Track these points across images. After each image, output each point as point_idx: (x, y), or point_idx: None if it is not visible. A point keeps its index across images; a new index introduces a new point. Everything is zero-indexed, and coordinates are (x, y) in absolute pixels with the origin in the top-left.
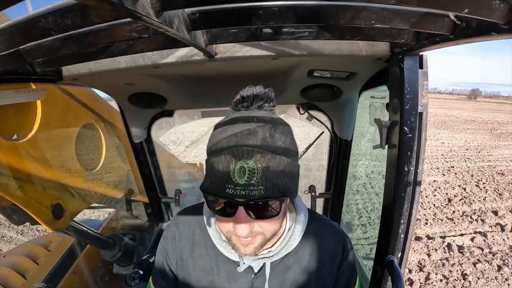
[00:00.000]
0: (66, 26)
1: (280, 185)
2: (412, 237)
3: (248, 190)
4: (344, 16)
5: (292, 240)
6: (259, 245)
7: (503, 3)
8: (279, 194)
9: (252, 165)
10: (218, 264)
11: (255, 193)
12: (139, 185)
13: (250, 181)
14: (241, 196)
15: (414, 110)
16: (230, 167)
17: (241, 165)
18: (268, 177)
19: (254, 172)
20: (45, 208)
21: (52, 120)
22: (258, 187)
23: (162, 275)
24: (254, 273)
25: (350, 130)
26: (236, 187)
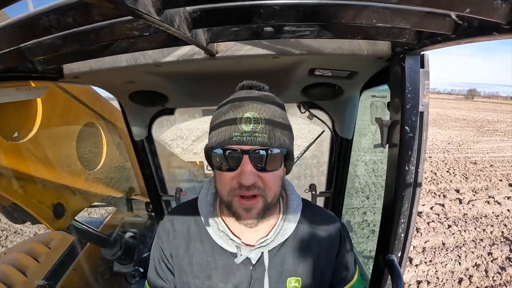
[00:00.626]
0: (67, 24)
1: (281, 136)
2: (412, 236)
3: (253, 136)
4: (345, 15)
5: (286, 226)
6: (261, 210)
7: (505, 3)
8: (280, 145)
9: (256, 115)
10: (215, 258)
11: (260, 139)
12: (140, 183)
13: (256, 128)
14: (248, 142)
15: (415, 110)
16: (237, 116)
17: (247, 115)
18: (271, 127)
19: (258, 121)
20: (46, 207)
21: (53, 119)
22: (263, 135)
23: (158, 273)
24: (252, 265)
25: (351, 129)
26: (243, 134)
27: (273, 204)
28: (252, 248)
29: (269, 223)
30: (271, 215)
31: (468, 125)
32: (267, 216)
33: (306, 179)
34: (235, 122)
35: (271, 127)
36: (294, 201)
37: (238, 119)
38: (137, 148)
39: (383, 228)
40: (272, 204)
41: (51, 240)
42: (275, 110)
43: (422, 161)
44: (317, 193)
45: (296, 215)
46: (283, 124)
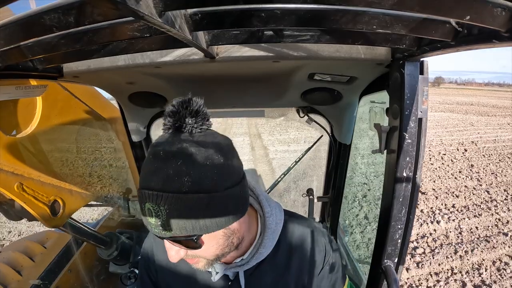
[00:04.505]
0: (68, 23)
1: (189, 225)
2: (409, 242)
3: (159, 229)
4: (346, 20)
5: (262, 248)
6: (207, 264)
7: (505, 11)
8: (189, 233)
9: (155, 207)
10: (195, 274)
11: (165, 233)
12: (137, 184)
13: (158, 222)
14: (156, 233)
15: (413, 116)
16: (142, 207)
17: (148, 206)
18: (174, 218)
19: (159, 213)
20: (42, 204)
21: (52, 117)
22: (166, 227)
23: (142, 284)
24: (230, 281)
25: (350, 134)
26: (151, 226)
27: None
28: (227, 267)
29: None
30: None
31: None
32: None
33: (304, 184)
34: (142, 209)
35: (174, 217)
36: (272, 222)
37: (143, 210)
38: (135, 149)
39: (380, 234)
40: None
41: (47, 239)
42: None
43: (420, 167)
44: (314, 198)
45: (275, 234)
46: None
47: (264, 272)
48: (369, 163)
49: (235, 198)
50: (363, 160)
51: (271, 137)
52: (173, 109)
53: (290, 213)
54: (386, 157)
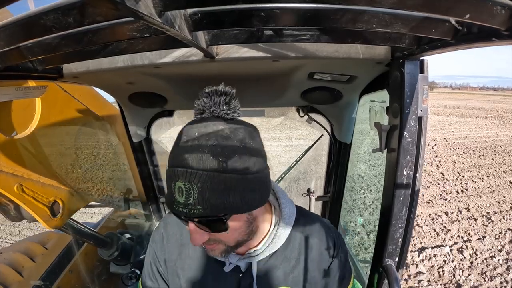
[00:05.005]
0: (68, 24)
1: (220, 204)
2: (410, 241)
3: (187, 209)
4: (345, 19)
5: (277, 239)
6: (225, 251)
7: (504, 9)
8: (219, 213)
9: (187, 185)
10: (205, 264)
11: (194, 212)
12: (138, 185)
13: (188, 200)
14: (184, 214)
15: (414, 115)
16: (171, 186)
17: (179, 185)
18: (205, 197)
19: (190, 192)
20: (42, 205)
21: (51, 118)
22: (196, 207)
23: (150, 277)
24: (242, 272)
25: (350, 133)
26: (179, 205)
27: (242, 243)
28: (241, 257)
29: (258, 234)
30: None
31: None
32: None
33: (304, 183)
34: (171, 189)
35: (206, 196)
36: (287, 213)
37: (173, 188)
38: (136, 149)
39: (381, 233)
40: (238, 244)
41: (48, 240)
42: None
43: (421, 166)
44: (314, 197)
45: (288, 226)
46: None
47: (275, 264)
48: (370, 162)
49: (262, 182)
50: (364, 159)
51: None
52: (208, 96)
53: (301, 209)
54: (386, 156)
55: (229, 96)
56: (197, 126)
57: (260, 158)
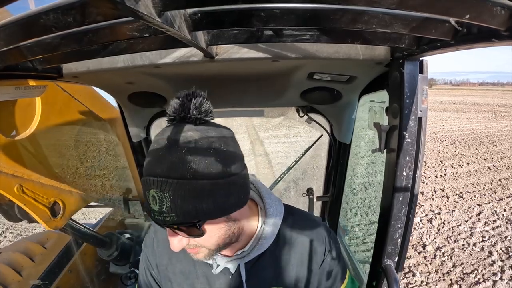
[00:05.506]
0: (68, 23)
1: (192, 210)
2: (409, 242)
3: (162, 217)
4: (345, 20)
5: (263, 239)
6: (208, 254)
7: (504, 10)
8: (192, 220)
9: (159, 194)
10: (195, 267)
11: (169, 220)
12: (137, 185)
13: (162, 208)
14: (159, 221)
15: (413, 115)
16: (146, 195)
17: (152, 194)
18: (177, 205)
19: (162, 200)
20: (42, 205)
21: (51, 118)
22: (170, 214)
23: (145, 281)
24: (231, 274)
25: (349, 134)
26: (155, 213)
27: (222, 246)
28: (229, 259)
29: (244, 236)
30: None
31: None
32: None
33: (304, 183)
34: (146, 197)
35: (178, 203)
36: (272, 213)
37: (147, 196)
38: (135, 149)
39: (380, 233)
40: (220, 247)
41: (47, 240)
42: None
43: (420, 166)
44: (314, 197)
45: (275, 225)
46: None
47: (264, 265)
48: (369, 162)
49: (237, 186)
50: (363, 159)
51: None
52: (178, 101)
53: (289, 207)
54: (386, 156)
55: (199, 99)
56: (167, 134)
57: (233, 161)
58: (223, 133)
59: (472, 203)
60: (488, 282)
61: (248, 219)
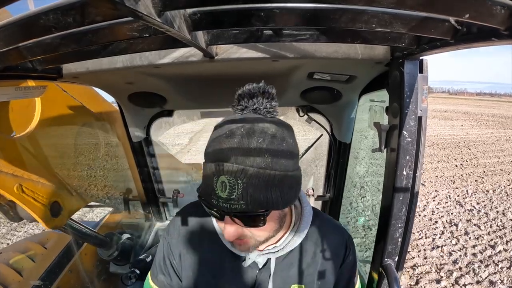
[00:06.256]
0: (67, 24)
1: (263, 200)
2: (410, 241)
3: (229, 204)
4: (345, 19)
5: (296, 237)
6: (253, 246)
7: (504, 9)
8: (261, 209)
9: (232, 180)
10: (222, 258)
11: (236, 207)
12: (137, 185)
13: (231, 195)
14: (224, 208)
15: (413, 114)
16: (213, 180)
17: (222, 180)
18: (249, 192)
19: (234, 187)
20: (43, 205)
21: (51, 118)
22: (239, 202)
23: (162, 270)
24: (259, 268)
25: (349, 133)
26: (219, 200)
27: (269, 239)
28: (260, 253)
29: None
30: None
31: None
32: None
33: (304, 183)
34: (212, 183)
35: (250, 191)
36: (307, 212)
37: (214, 182)
38: (135, 149)
39: (380, 232)
40: (267, 240)
41: (47, 240)
42: (258, 168)
43: (420, 165)
44: (314, 197)
45: (307, 226)
46: (268, 181)
47: (292, 261)
48: (369, 162)
49: (298, 179)
50: (364, 158)
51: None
52: (251, 92)
53: (315, 209)
54: (386, 156)
55: (271, 95)
56: (240, 121)
57: (297, 157)
58: (290, 129)
59: (431, 189)
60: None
61: (288, 215)
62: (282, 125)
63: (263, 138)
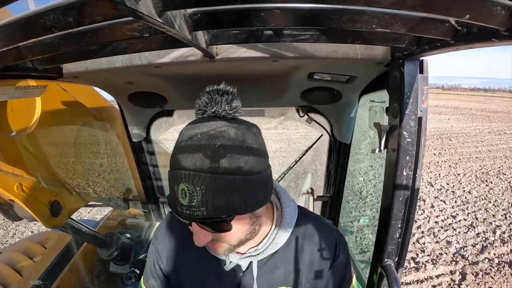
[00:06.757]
0: (68, 23)
1: (223, 205)
2: (409, 241)
3: (191, 211)
4: (345, 19)
5: (278, 238)
6: (228, 250)
7: (504, 10)
8: (223, 214)
9: (191, 187)
10: (206, 262)
11: (198, 214)
12: (137, 184)
13: (191, 202)
14: (187, 215)
15: (413, 115)
16: (174, 188)
17: (182, 187)
18: (208, 199)
19: (193, 194)
20: (42, 205)
21: (51, 117)
22: (200, 209)
23: (153, 274)
24: (242, 271)
25: (350, 133)
26: (182, 207)
27: (245, 241)
28: (241, 256)
29: (259, 234)
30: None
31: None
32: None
33: (304, 183)
34: (174, 190)
35: (210, 198)
36: (288, 213)
37: (175, 190)
38: (135, 149)
39: (380, 232)
40: (241, 243)
41: (47, 240)
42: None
43: (420, 166)
44: (314, 197)
45: (290, 226)
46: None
47: (276, 263)
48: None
49: (265, 182)
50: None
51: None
52: (209, 95)
53: (302, 209)
54: (386, 156)
55: (231, 95)
56: (198, 127)
57: (262, 158)
58: (253, 130)
59: None
60: None
61: (266, 217)
62: (244, 127)
63: (220, 142)
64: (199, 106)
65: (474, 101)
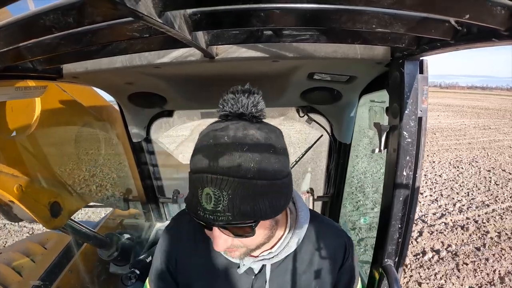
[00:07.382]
0: (68, 24)
1: (250, 211)
2: (410, 241)
3: (215, 216)
4: (345, 20)
5: (292, 242)
6: (245, 254)
7: (504, 10)
8: (248, 220)
9: (217, 192)
10: (218, 264)
11: (223, 219)
12: (137, 185)
13: (217, 207)
14: (210, 220)
15: (413, 115)
16: (198, 192)
17: (207, 191)
18: (235, 204)
19: (219, 199)
20: (42, 206)
21: (51, 118)
22: (225, 214)
23: (160, 275)
24: (254, 274)
25: (350, 134)
26: (205, 212)
27: (261, 246)
28: (255, 259)
29: (274, 237)
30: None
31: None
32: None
33: (304, 183)
34: (197, 194)
35: (236, 203)
36: (302, 216)
37: (199, 194)
38: (135, 150)
39: (380, 233)
40: (260, 246)
41: (47, 240)
42: (244, 178)
43: (420, 166)
44: (315, 197)
45: (303, 229)
46: (256, 192)
47: (288, 267)
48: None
49: (287, 187)
50: (364, 159)
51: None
52: (234, 96)
53: (313, 212)
54: (386, 156)
55: (257, 99)
56: (224, 129)
57: (286, 162)
58: (277, 133)
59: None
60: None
61: (282, 220)
62: (269, 130)
63: (248, 146)
64: (223, 107)
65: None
